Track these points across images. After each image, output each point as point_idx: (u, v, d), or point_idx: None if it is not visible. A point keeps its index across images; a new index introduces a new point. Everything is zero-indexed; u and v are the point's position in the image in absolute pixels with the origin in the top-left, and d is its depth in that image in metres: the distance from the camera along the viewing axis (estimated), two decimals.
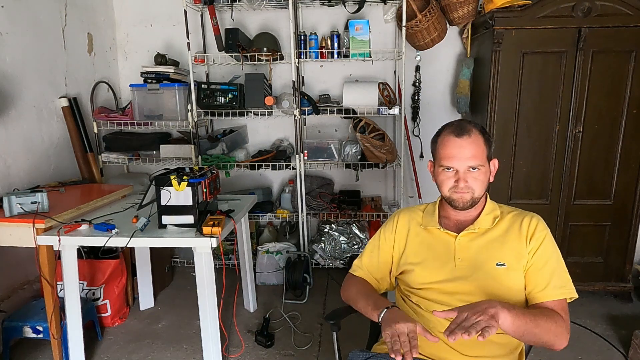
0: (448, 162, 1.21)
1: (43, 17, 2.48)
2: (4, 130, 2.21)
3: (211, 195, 1.97)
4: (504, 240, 1.22)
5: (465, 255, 1.23)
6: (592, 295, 2.63)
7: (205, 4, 2.77)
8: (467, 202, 1.22)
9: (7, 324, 2.05)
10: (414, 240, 1.32)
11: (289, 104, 2.82)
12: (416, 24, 2.68)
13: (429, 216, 1.33)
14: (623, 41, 2.30)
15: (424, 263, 1.27)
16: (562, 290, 1.16)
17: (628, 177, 2.45)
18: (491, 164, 1.26)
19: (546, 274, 1.16)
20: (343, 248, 3.03)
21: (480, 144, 1.21)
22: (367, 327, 1.44)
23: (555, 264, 1.18)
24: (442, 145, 1.23)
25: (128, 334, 2.37)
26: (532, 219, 1.23)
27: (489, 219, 1.26)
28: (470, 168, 1.20)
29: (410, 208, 1.41)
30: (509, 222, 1.25)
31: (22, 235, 1.85)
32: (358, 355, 1.25)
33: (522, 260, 1.19)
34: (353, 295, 1.32)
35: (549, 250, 1.19)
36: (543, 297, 1.15)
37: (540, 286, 1.16)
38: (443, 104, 3.11)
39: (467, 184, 1.20)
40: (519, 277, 1.18)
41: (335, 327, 1.34)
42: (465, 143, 1.19)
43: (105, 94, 3.05)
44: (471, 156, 1.19)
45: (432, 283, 1.23)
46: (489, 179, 1.25)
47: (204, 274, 1.83)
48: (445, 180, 1.23)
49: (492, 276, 1.18)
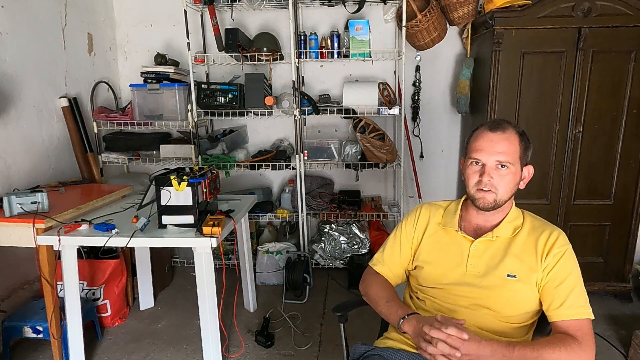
0: (476, 154, 1.18)
1: (43, 17, 2.48)
2: (4, 130, 2.21)
3: (211, 195, 1.97)
4: (519, 252, 1.19)
5: (477, 261, 1.21)
6: (592, 295, 2.56)
7: (205, 4, 2.77)
8: (490, 203, 1.18)
9: (7, 324, 2.05)
10: (430, 237, 1.31)
11: (289, 104, 2.82)
12: (416, 24, 2.68)
13: (449, 216, 1.31)
14: (623, 41, 2.30)
15: (435, 262, 1.27)
16: (581, 309, 1.11)
17: (628, 177, 2.45)
18: (525, 169, 1.22)
19: (564, 291, 1.12)
20: (343, 248, 3.03)
21: (514, 143, 1.17)
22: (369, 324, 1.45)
23: (574, 282, 1.13)
24: (474, 139, 1.21)
25: (128, 334, 2.37)
26: (552, 234, 1.18)
27: (509, 227, 1.22)
28: (498, 164, 1.16)
29: (433, 203, 1.38)
30: (528, 235, 1.21)
31: (22, 235, 1.85)
32: (360, 348, 1.27)
33: (534, 274, 1.15)
34: (373, 294, 1.32)
35: (568, 268, 1.14)
36: (560, 316, 1.11)
37: (557, 303, 1.12)
38: (443, 104, 3.11)
39: (492, 182, 1.16)
40: (529, 290, 1.16)
41: (342, 318, 1.38)
42: (497, 138, 1.16)
43: (105, 94, 3.05)
44: (501, 151, 1.15)
45: (440, 284, 1.24)
46: (517, 183, 1.20)
47: (204, 274, 1.83)
48: (471, 175, 1.20)
49: (501, 286, 1.17)
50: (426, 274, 1.27)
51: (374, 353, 1.21)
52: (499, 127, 1.18)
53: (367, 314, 1.27)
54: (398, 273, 1.36)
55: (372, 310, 1.32)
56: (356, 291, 2.80)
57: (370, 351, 1.23)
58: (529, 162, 1.23)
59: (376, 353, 1.21)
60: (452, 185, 3.23)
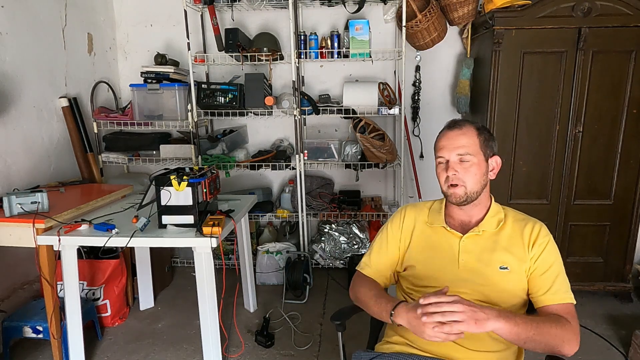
0: (439, 152, 1.26)
1: (43, 17, 2.48)
2: (4, 130, 2.21)
3: (211, 195, 1.97)
4: (508, 244, 1.23)
5: (468, 256, 1.24)
6: (592, 295, 2.63)
7: (205, 4, 2.77)
8: (461, 197, 1.23)
9: (7, 324, 2.05)
10: (419, 237, 1.32)
11: (289, 104, 2.82)
12: (416, 24, 2.68)
13: (435, 214, 1.34)
14: (623, 41, 2.30)
15: (426, 261, 1.27)
16: (565, 295, 1.17)
17: (628, 177, 2.45)
18: (491, 160, 1.27)
19: (549, 278, 1.17)
20: (343, 248, 3.03)
21: (472, 136, 1.24)
22: (368, 327, 1.44)
23: (558, 269, 1.19)
24: (437, 140, 1.29)
25: (128, 334, 2.37)
26: (535, 225, 1.24)
27: (493, 222, 1.27)
28: (459, 158, 1.22)
29: (416, 204, 1.41)
30: (513, 227, 1.26)
31: (22, 235, 1.85)
32: (362, 355, 1.25)
33: (524, 264, 1.20)
34: (362, 296, 1.31)
35: (552, 256, 1.20)
36: (547, 300, 1.16)
37: (544, 289, 1.17)
38: (443, 104, 3.11)
39: (457, 176, 1.22)
40: (520, 281, 1.19)
41: (340, 327, 1.34)
42: (455, 134, 1.24)
43: (105, 94, 3.05)
44: (459, 145, 1.22)
45: (435, 282, 1.24)
46: (485, 174, 1.25)
47: (204, 274, 1.83)
48: (440, 173, 1.27)
49: (494, 279, 1.19)
50: (420, 273, 1.27)
51: (376, 357, 1.20)
52: (456, 125, 1.26)
53: (367, 317, 1.26)
54: (386, 275, 1.37)
55: None
56: None
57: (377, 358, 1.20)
58: (496, 153, 1.30)
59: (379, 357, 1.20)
60: None
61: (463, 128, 1.24)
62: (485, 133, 1.27)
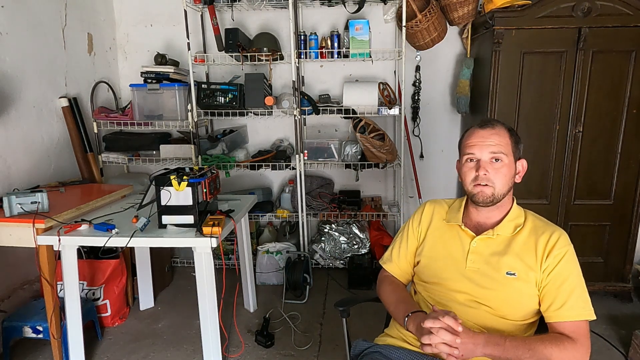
0: (470, 150, 1.22)
1: (43, 17, 2.48)
2: (4, 130, 2.21)
3: (211, 195, 1.97)
4: (520, 250, 1.19)
5: (477, 257, 1.23)
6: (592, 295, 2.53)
7: (205, 4, 2.77)
8: (488, 197, 1.20)
9: (7, 324, 2.05)
10: (434, 233, 1.33)
11: (289, 104, 2.82)
12: (416, 24, 2.68)
13: (454, 212, 1.33)
14: (623, 41, 2.30)
15: (436, 257, 1.29)
16: (581, 311, 1.11)
17: (628, 177, 2.45)
18: (518, 163, 1.25)
19: (564, 293, 1.12)
20: (343, 248, 3.03)
21: (504, 136, 1.21)
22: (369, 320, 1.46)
23: (574, 283, 1.14)
24: (466, 137, 1.25)
25: (128, 334, 2.37)
26: (553, 234, 1.19)
27: (510, 226, 1.23)
28: (492, 158, 1.19)
29: (438, 200, 1.41)
30: (529, 234, 1.22)
31: (22, 235, 1.85)
32: (362, 344, 1.29)
33: (533, 273, 1.16)
34: (385, 297, 1.36)
35: (568, 269, 1.15)
36: (557, 317, 1.12)
37: (556, 305, 1.12)
38: (443, 104, 3.11)
39: (488, 176, 1.19)
40: (527, 288, 1.16)
41: (344, 313, 1.41)
42: (488, 133, 1.21)
43: (105, 94, 3.05)
44: (493, 144, 1.19)
45: (439, 278, 1.25)
46: (513, 177, 1.24)
47: (204, 274, 1.83)
48: (468, 172, 1.23)
49: (500, 283, 1.18)
50: (425, 268, 1.29)
51: (374, 350, 1.23)
52: (488, 123, 1.23)
53: (367, 312, 1.28)
54: (407, 270, 1.39)
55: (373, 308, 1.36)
56: (356, 291, 2.82)
57: (371, 348, 1.25)
58: (522, 156, 1.27)
59: (376, 350, 1.23)
60: (452, 185, 3.23)
61: (496, 127, 1.22)
62: (515, 135, 1.24)
